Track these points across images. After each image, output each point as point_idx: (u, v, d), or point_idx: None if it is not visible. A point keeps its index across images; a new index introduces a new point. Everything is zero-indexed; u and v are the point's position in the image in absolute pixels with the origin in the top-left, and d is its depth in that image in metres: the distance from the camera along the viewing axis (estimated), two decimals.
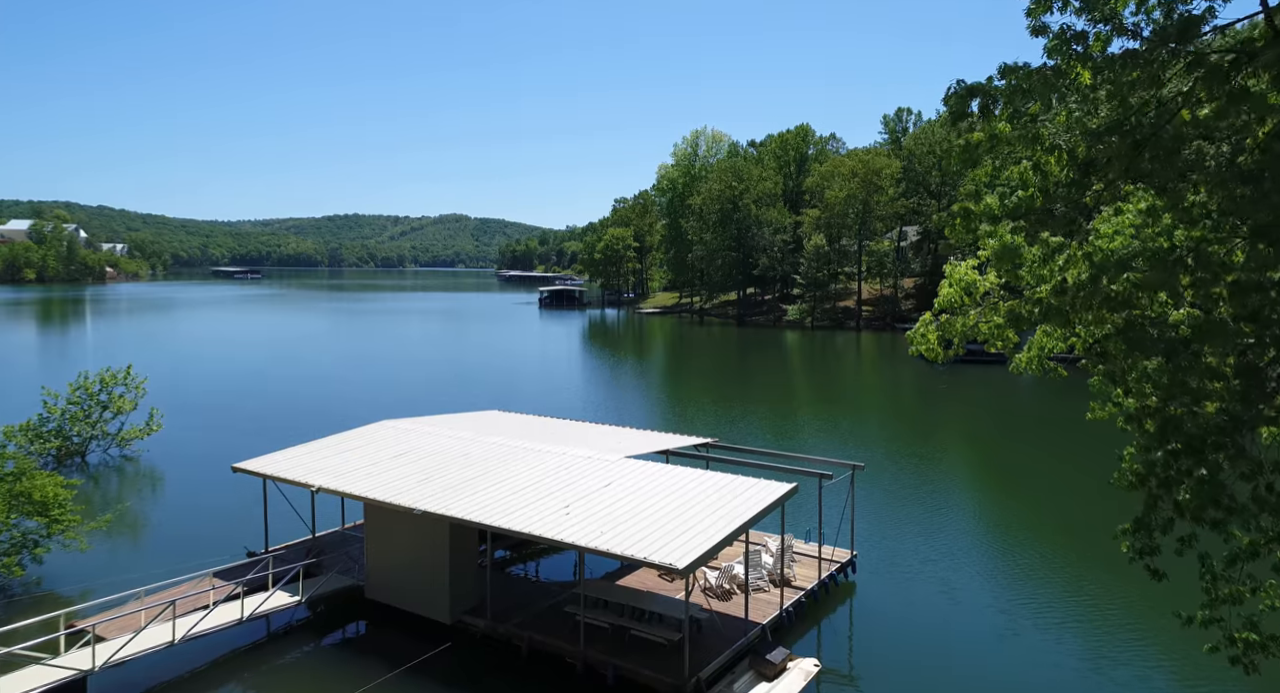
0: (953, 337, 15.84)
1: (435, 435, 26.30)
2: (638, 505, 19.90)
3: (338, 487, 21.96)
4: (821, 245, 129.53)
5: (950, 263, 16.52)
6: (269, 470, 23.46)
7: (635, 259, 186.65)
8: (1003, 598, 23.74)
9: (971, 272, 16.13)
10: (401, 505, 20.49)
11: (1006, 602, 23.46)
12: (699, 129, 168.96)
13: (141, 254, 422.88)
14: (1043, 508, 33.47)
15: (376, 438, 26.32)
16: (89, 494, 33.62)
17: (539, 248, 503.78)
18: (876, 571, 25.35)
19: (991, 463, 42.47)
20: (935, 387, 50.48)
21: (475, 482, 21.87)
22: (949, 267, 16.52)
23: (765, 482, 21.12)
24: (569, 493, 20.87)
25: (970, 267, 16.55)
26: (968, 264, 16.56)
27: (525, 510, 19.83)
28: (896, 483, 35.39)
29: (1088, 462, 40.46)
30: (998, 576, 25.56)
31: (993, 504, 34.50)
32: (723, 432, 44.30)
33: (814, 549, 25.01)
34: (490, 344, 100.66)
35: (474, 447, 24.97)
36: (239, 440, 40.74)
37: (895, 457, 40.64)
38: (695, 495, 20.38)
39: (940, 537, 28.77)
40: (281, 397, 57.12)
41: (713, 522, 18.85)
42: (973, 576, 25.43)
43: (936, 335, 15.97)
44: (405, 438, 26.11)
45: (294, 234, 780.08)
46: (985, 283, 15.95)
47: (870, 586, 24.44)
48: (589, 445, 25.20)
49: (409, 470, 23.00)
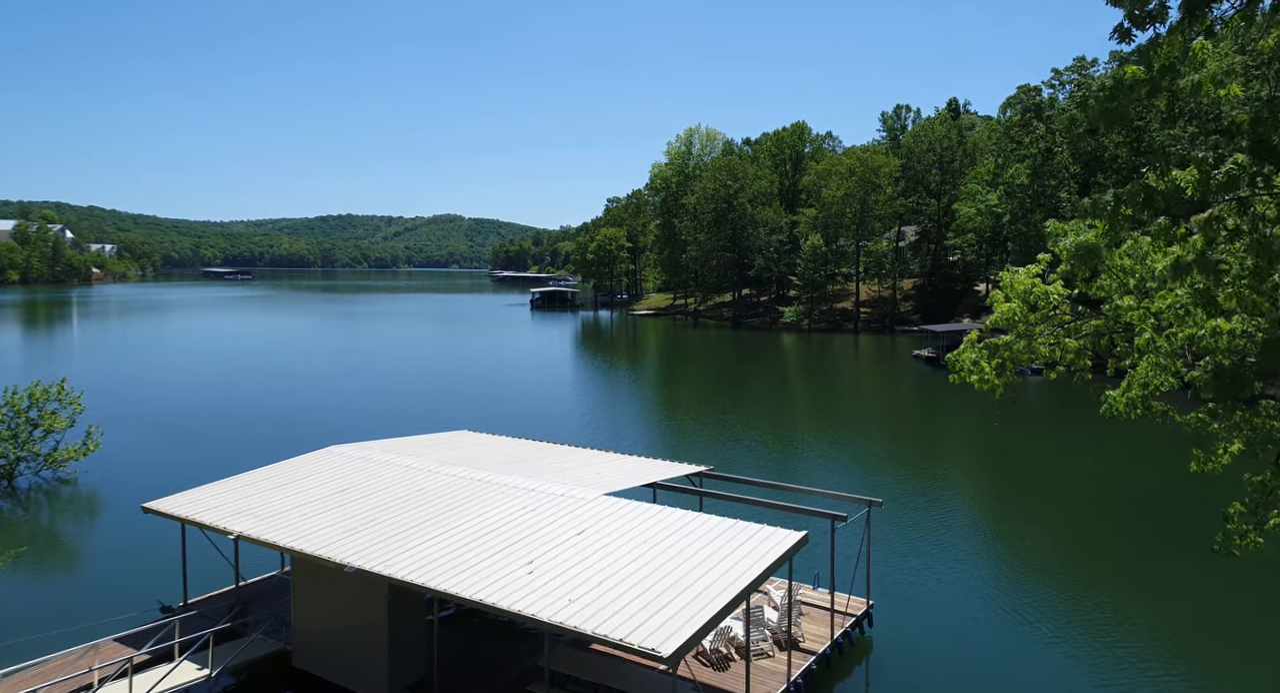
0: (1018, 361, 12.42)
1: (388, 466, 22.82)
2: (616, 561, 16.46)
3: (259, 534, 18.45)
4: (818, 246, 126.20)
5: (1008, 269, 13.09)
6: (184, 512, 19.94)
7: (628, 260, 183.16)
8: (1037, 653, 20.33)
9: (1036, 280, 12.70)
10: (331, 561, 17.02)
11: (1043, 658, 20.05)
12: (693, 127, 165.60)
13: (131, 255, 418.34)
14: (1083, 542, 30.08)
15: (319, 469, 22.82)
16: (14, 523, 30.13)
17: (533, 248, 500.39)
18: (896, 623, 21.92)
19: (1018, 487, 38.68)
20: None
21: (425, 528, 18.41)
22: (1006, 274, 13.07)
23: (769, 531, 17.68)
24: (535, 543, 17.42)
25: (1033, 274, 13.12)
26: (1029, 271, 13.12)
27: (480, 569, 16.38)
28: (912, 514, 31.88)
29: (1125, 479, 37.15)
30: (1029, 623, 22.14)
31: (1022, 538, 31.01)
32: (719, 455, 40.92)
33: (824, 597, 21.62)
34: (475, 350, 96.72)
35: (431, 480, 21.51)
36: (184, 462, 37.30)
37: (908, 482, 37.10)
38: (686, 548, 16.94)
39: (964, 581, 25.36)
40: (242, 410, 53.25)
41: (707, 585, 15.41)
42: (1002, 627, 22.02)
43: (992, 361, 12.54)
44: (352, 469, 22.63)
45: (287, 235, 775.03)
46: (1054, 293, 12.53)
47: (889, 644, 21.00)
48: (564, 477, 21.77)
49: (349, 512, 19.52)
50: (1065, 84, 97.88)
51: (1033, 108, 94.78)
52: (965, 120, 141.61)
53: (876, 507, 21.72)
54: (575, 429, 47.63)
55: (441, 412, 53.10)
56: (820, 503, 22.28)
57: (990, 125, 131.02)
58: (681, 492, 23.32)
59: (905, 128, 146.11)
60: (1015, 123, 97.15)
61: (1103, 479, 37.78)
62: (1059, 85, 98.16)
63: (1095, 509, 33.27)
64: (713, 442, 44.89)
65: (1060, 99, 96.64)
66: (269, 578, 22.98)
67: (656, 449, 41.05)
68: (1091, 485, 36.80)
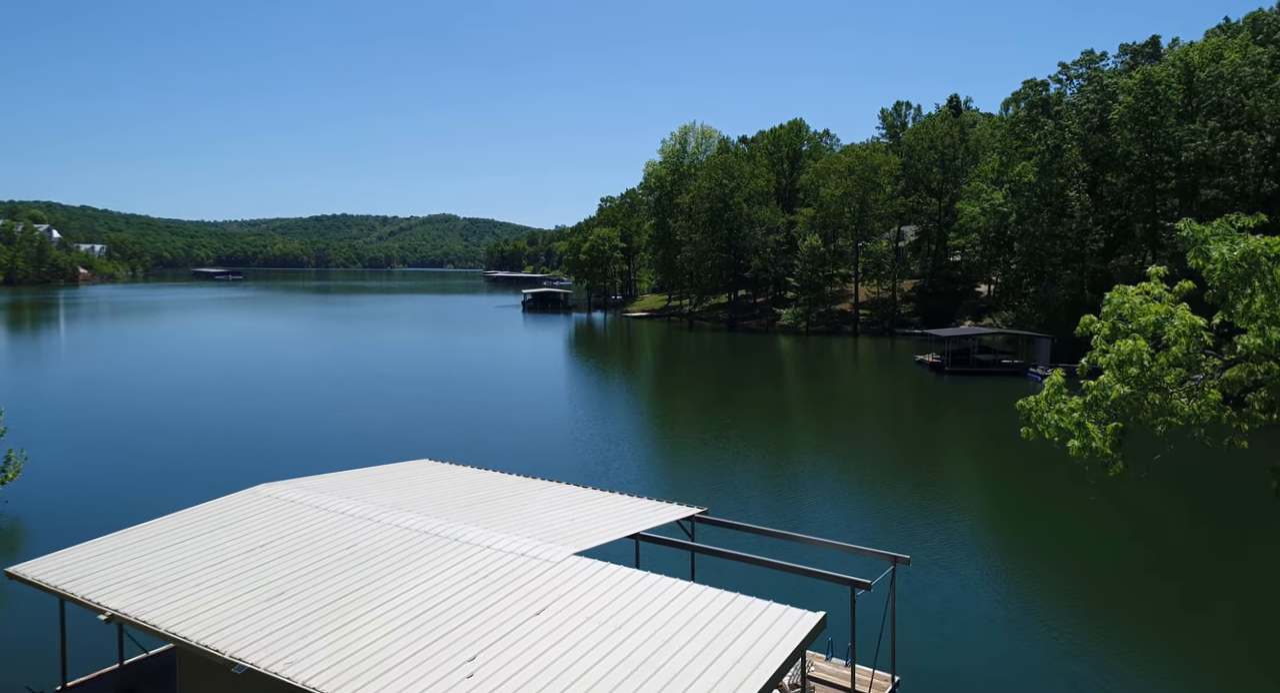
0: (1143, 422, 8.83)
1: (321, 512, 19.17)
2: (582, 657, 12.84)
3: (138, 614, 14.78)
4: (816, 246, 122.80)
5: (1117, 290, 9.45)
6: (54, 580, 16.26)
7: (622, 261, 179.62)
8: None
9: (1171, 306, 9.02)
10: (219, 655, 13.37)
11: None
12: (688, 124, 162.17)
13: (121, 255, 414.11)
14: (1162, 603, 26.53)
15: (238, 517, 19.17)
16: None
17: (528, 248, 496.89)
18: None
19: (1073, 532, 33.94)
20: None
21: (349, 603, 14.77)
22: (1115, 294, 9.42)
23: (778, 611, 14.05)
24: (482, 629, 13.79)
25: (1154, 294, 9.44)
26: (1149, 289, 9.43)
27: (409, 671, 12.74)
28: (943, 567, 28.11)
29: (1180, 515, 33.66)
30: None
31: (1080, 599, 27.25)
32: (716, 483, 37.38)
33: (842, 673, 18.03)
34: (458, 358, 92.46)
35: (367, 534, 17.87)
36: (104, 497, 33.82)
37: (935, 526, 33.07)
38: (673, 638, 13.32)
39: (1008, 655, 21.76)
40: (186, 432, 48.93)
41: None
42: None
43: (1106, 425, 8.92)
44: (277, 517, 18.98)
45: (281, 235, 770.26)
46: (1199, 325, 8.88)
47: None
48: (529, 527, 18.16)
49: (258, 579, 15.88)
50: (1073, 79, 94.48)
51: (1039, 103, 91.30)
52: (967, 117, 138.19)
53: (903, 564, 18.12)
54: (559, 451, 43.99)
55: (409, 430, 49.42)
56: (836, 559, 18.70)
57: (994, 122, 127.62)
58: (669, 545, 19.69)
59: (905, 125, 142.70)
60: (1021, 119, 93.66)
61: (1194, 527, 34.19)
62: (1066, 80, 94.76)
63: (1183, 562, 29.76)
64: (709, 468, 41.24)
65: (1068, 94, 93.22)
66: (162, 654, 19.18)
67: (647, 476, 37.46)
68: (1183, 531, 33.29)
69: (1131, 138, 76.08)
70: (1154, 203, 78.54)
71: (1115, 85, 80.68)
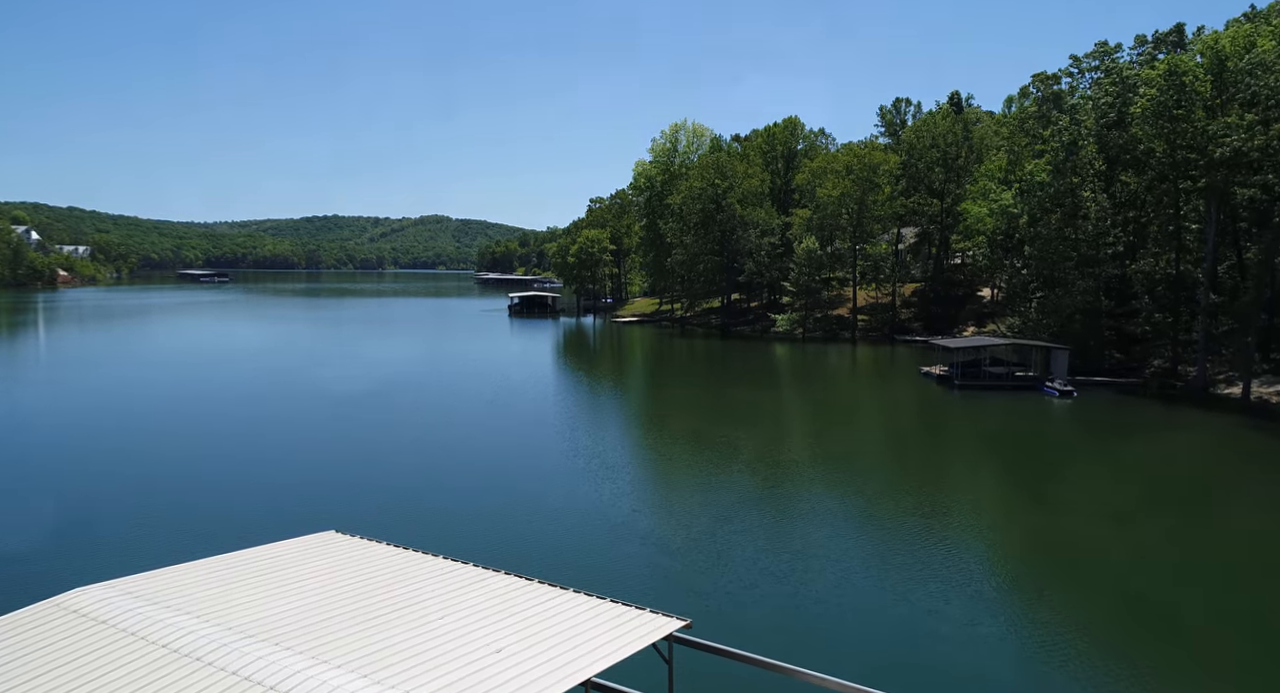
0: None
1: (133, 642, 13.44)
2: None
3: None
4: (813, 248, 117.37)
5: None
6: None
7: (612, 263, 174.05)
8: None
9: None
10: None
11: None
12: (678, 122, 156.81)
13: (106, 257, 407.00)
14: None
15: (18, 651, 13.45)
16: None
17: (519, 249, 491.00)
18: None
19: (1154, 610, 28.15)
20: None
21: None
22: None
23: None
24: None
25: None
26: None
27: None
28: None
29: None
30: None
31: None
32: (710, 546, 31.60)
33: None
34: (430, 374, 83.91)
35: (184, 686, 12.17)
36: None
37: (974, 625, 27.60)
38: None
39: None
40: (80, 480, 40.09)
41: None
42: None
43: None
44: (67, 653, 13.24)
45: (271, 236, 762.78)
46: None
47: None
48: (431, 671, 12.50)
49: None
50: (1085, 72, 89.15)
51: (1051, 98, 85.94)
52: (969, 115, 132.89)
53: None
54: (521, 500, 37.32)
55: (348, 471, 42.69)
56: None
57: (1000, 119, 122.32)
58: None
59: (905, 123, 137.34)
60: (1031, 114, 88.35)
61: None
62: (1079, 73, 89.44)
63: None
64: (701, 523, 34.74)
65: (1081, 88, 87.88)
66: None
67: (605, 571, 28.56)
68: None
69: (1154, 133, 70.63)
70: (1177, 203, 73.13)
71: (1136, 77, 75.17)
